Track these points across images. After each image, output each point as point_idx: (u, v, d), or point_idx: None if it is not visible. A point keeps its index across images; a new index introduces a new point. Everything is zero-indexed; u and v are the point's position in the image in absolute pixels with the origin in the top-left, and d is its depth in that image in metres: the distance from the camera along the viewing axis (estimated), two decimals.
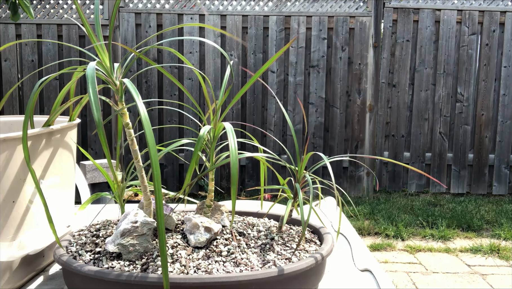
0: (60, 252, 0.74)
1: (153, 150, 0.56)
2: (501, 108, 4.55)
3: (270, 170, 4.34)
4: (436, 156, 4.60)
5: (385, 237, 3.50)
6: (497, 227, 3.65)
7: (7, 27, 4.45)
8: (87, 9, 4.45)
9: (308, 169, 0.84)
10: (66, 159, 0.90)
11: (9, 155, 0.73)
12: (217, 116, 0.80)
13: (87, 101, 0.81)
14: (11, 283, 0.78)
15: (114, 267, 0.69)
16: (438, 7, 4.47)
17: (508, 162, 4.59)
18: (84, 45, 4.48)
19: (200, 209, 0.86)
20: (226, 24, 4.45)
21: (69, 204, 0.94)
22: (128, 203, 1.51)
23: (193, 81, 4.49)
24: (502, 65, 4.50)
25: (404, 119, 4.58)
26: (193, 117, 3.10)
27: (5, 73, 4.51)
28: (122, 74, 0.74)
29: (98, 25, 0.75)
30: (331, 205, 1.33)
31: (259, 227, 0.87)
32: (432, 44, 4.51)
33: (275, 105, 4.51)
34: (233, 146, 0.63)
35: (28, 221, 0.78)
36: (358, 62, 4.48)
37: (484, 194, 4.63)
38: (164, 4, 4.51)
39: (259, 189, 0.95)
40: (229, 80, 4.85)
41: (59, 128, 0.86)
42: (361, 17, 4.45)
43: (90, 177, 2.78)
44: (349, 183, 4.61)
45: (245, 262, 0.71)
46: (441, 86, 4.54)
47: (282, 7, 4.53)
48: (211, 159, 0.82)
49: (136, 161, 0.77)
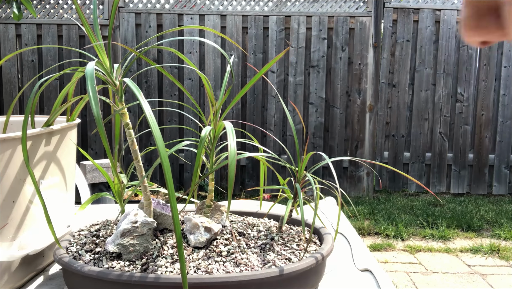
0: (60, 252, 0.74)
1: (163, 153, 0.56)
2: (501, 108, 4.54)
3: (270, 170, 4.35)
4: (436, 156, 4.60)
5: (385, 237, 3.50)
6: (497, 227, 3.65)
7: (7, 27, 4.45)
8: (87, 9, 4.45)
9: (308, 169, 0.84)
10: (66, 159, 0.90)
11: (9, 155, 0.73)
12: (217, 117, 0.80)
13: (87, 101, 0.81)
14: (11, 283, 0.78)
15: (114, 267, 0.69)
16: (438, 7, 4.47)
17: (508, 162, 4.59)
18: (84, 45, 4.48)
19: (200, 209, 0.86)
20: (226, 24, 4.45)
21: (69, 204, 0.94)
22: (128, 203, 1.51)
23: (193, 81, 4.49)
24: (502, 65, 4.50)
25: (404, 119, 4.58)
26: (193, 117, 3.10)
27: (5, 73, 4.51)
28: (122, 74, 0.74)
29: (96, 25, 0.75)
30: (331, 205, 1.33)
31: (259, 227, 0.87)
32: (432, 44, 4.51)
33: (275, 105, 4.51)
34: (232, 146, 0.63)
35: (28, 221, 0.79)
36: (358, 62, 4.48)
37: (484, 194, 4.63)
38: (164, 4, 4.51)
39: (259, 189, 0.95)
40: (229, 80, 4.85)
41: (59, 128, 0.86)
42: (361, 17, 4.45)
43: (90, 177, 2.78)
44: (349, 183, 4.61)
45: (245, 262, 0.71)
46: (441, 86, 4.54)
47: (282, 7, 4.53)
48: (211, 160, 0.82)
49: (136, 161, 0.77)
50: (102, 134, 0.58)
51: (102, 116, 4.81)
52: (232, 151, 0.62)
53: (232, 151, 0.62)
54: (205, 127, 0.75)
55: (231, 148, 0.63)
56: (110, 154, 0.69)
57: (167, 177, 0.57)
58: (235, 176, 4.69)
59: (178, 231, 0.56)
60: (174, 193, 0.56)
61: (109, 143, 2.18)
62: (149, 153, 4.56)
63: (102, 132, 0.58)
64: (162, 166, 0.57)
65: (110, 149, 3.62)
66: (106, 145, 0.61)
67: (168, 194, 0.57)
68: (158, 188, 0.92)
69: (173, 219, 0.56)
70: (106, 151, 0.65)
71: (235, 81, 4.50)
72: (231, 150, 0.62)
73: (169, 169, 0.57)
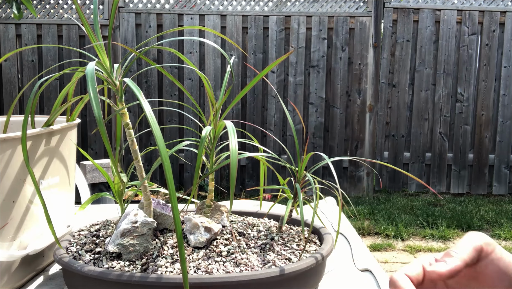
0: (60, 252, 0.74)
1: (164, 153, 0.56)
2: (501, 108, 4.55)
3: (270, 170, 4.34)
4: (436, 156, 4.60)
5: (385, 237, 3.50)
6: (497, 227, 3.65)
7: (7, 27, 4.45)
8: (87, 9, 4.45)
9: (308, 169, 0.84)
10: (66, 159, 0.90)
11: (9, 155, 0.73)
12: (217, 117, 0.80)
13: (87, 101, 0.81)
14: (11, 283, 0.78)
15: (114, 267, 0.69)
16: (438, 7, 4.47)
17: (508, 162, 4.59)
18: (84, 45, 4.48)
19: (200, 209, 0.86)
20: (226, 24, 4.45)
21: (69, 204, 0.94)
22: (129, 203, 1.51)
23: (193, 81, 4.49)
24: (502, 65, 4.50)
25: (404, 119, 4.58)
26: (193, 117, 3.10)
27: (5, 73, 4.51)
28: (122, 74, 0.74)
29: (97, 25, 0.75)
30: (331, 205, 1.33)
31: (259, 227, 0.87)
32: (432, 44, 4.51)
33: (275, 105, 4.51)
34: (233, 146, 0.63)
35: (28, 221, 0.79)
36: (358, 62, 4.48)
37: (484, 194, 4.63)
38: (164, 4, 4.51)
39: (259, 189, 0.95)
40: (229, 80, 4.85)
41: (59, 128, 0.86)
42: (361, 17, 4.45)
43: (90, 177, 2.78)
44: (349, 183, 4.61)
45: (245, 262, 0.71)
46: (441, 86, 4.54)
47: (282, 7, 4.53)
48: (211, 159, 0.82)
49: (136, 161, 0.77)
50: (103, 135, 0.58)
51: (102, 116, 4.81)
52: (233, 150, 0.62)
53: (233, 150, 0.62)
54: (206, 127, 0.75)
55: (232, 147, 0.62)
56: (112, 154, 0.69)
57: (168, 177, 0.57)
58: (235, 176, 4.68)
59: (179, 231, 0.56)
60: (175, 193, 0.56)
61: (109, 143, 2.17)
62: (149, 153, 4.56)
63: (103, 132, 0.58)
64: (163, 166, 0.57)
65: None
66: (107, 145, 0.61)
67: (169, 193, 0.57)
68: (158, 188, 0.92)
69: (174, 219, 0.56)
70: (107, 151, 0.65)
71: (235, 81, 4.50)
72: (233, 149, 0.62)
73: (170, 169, 0.57)
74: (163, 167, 0.57)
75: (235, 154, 0.61)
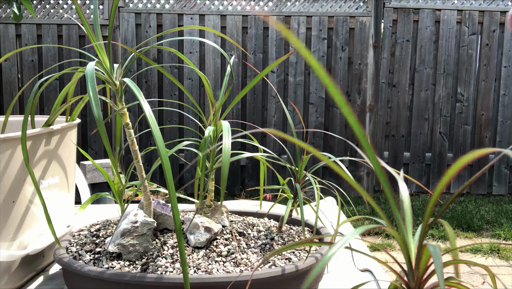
0: (60, 252, 0.74)
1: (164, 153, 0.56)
2: (501, 108, 4.55)
3: (270, 170, 4.34)
4: (436, 156, 4.60)
5: (385, 237, 3.50)
6: (497, 227, 3.65)
7: (7, 27, 4.45)
8: (87, 9, 4.45)
9: (308, 169, 0.84)
10: (66, 159, 0.90)
11: (9, 155, 0.73)
12: (217, 117, 0.80)
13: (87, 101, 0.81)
14: (11, 283, 0.78)
15: (114, 267, 0.69)
16: (438, 7, 4.47)
17: (508, 162, 4.59)
18: (84, 45, 4.48)
19: (200, 209, 0.86)
20: (226, 24, 4.45)
21: (69, 204, 0.94)
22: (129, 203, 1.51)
23: (193, 81, 4.49)
24: (502, 65, 4.50)
25: (404, 119, 4.58)
26: (193, 117, 3.10)
27: (5, 73, 4.51)
28: (122, 74, 0.74)
29: (97, 25, 0.75)
30: (331, 205, 1.33)
31: (259, 227, 0.87)
32: (432, 44, 4.51)
33: (275, 105, 4.51)
34: (227, 145, 0.64)
35: (28, 221, 0.78)
36: (358, 62, 4.48)
37: (484, 194, 4.63)
38: (164, 4, 4.51)
39: (259, 188, 0.95)
40: (229, 80, 4.85)
41: (59, 128, 0.86)
42: (361, 17, 4.45)
43: (90, 177, 2.78)
44: (349, 183, 4.61)
45: (245, 262, 0.71)
46: (441, 86, 4.54)
47: (282, 7, 4.53)
48: (211, 159, 0.82)
49: (136, 161, 0.77)
50: (103, 135, 0.58)
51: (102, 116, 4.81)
52: (226, 149, 0.62)
53: (226, 149, 0.62)
54: (208, 128, 0.75)
55: (225, 146, 0.63)
56: (111, 154, 0.69)
57: (167, 177, 0.57)
58: (235, 176, 4.69)
59: (179, 231, 0.56)
60: (174, 193, 0.56)
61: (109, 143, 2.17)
62: (149, 153, 4.56)
63: (102, 132, 0.58)
64: (163, 166, 0.57)
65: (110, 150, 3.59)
66: (107, 145, 0.61)
67: (169, 193, 0.57)
68: (158, 188, 0.92)
69: (174, 219, 0.56)
70: (107, 151, 0.65)
71: (235, 81, 4.50)
72: (225, 148, 0.62)
73: (170, 169, 0.57)
74: (163, 167, 0.57)
75: (227, 153, 0.61)
